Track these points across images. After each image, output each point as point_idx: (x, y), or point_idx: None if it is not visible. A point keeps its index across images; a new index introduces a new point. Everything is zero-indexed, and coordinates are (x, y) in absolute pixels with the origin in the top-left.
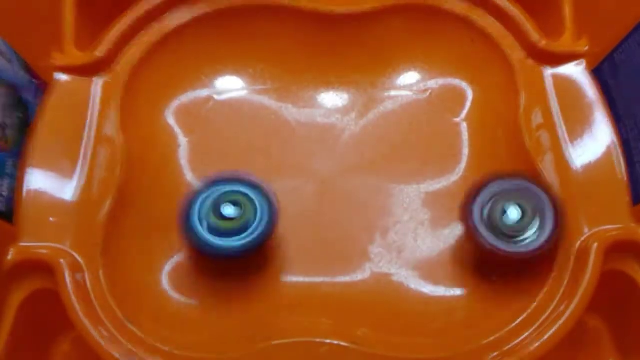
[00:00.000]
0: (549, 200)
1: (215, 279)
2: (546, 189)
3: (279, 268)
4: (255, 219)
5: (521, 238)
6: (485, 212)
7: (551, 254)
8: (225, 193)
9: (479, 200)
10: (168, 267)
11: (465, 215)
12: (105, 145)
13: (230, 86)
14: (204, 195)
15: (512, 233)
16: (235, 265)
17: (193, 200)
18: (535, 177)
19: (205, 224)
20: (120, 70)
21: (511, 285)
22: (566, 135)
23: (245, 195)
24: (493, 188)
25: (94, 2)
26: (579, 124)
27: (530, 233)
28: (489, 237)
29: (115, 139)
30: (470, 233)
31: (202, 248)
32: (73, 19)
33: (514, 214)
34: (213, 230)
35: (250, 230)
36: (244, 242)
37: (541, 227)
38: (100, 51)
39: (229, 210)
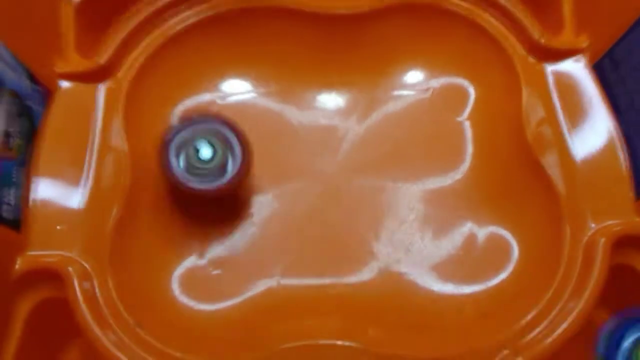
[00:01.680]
0: (236, 138)
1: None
2: (233, 127)
3: (286, 269)
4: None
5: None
6: (182, 156)
7: None
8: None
9: (173, 146)
10: (177, 273)
11: (163, 164)
12: (110, 152)
13: (233, 89)
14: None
15: (206, 170)
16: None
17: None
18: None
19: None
20: (123, 76)
21: (520, 283)
22: (568, 131)
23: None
24: (184, 133)
25: (95, 9)
26: (580, 120)
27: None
28: (184, 178)
29: (121, 146)
30: (170, 178)
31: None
32: (73, 25)
33: (206, 152)
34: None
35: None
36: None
37: (233, 161)
38: (102, 58)
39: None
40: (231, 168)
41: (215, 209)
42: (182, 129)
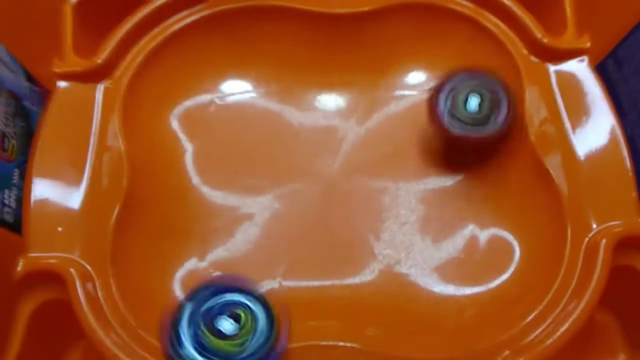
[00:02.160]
0: (503, 90)
1: None
2: (501, 81)
3: (287, 271)
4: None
5: (482, 124)
6: (449, 102)
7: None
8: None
9: (443, 92)
10: (179, 273)
11: (432, 106)
12: (110, 152)
13: (232, 89)
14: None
15: (473, 120)
16: None
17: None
18: (491, 72)
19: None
20: (122, 76)
21: (521, 284)
22: (571, 132)
23: (245, 306)
24: (453, 82)
25: (92, 9)
26: (583, 120)
27: (490, 119)
28: (453, 125)
29: (120, 146)
30: (437, 123)
31: None
32: (71, 25)
33: (474, 101)
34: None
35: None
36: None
37: (498, 113)
38: (100, 57)
39: (226, 325)
40: (495, 121)
41: (215, 208)
42: (451, 78)
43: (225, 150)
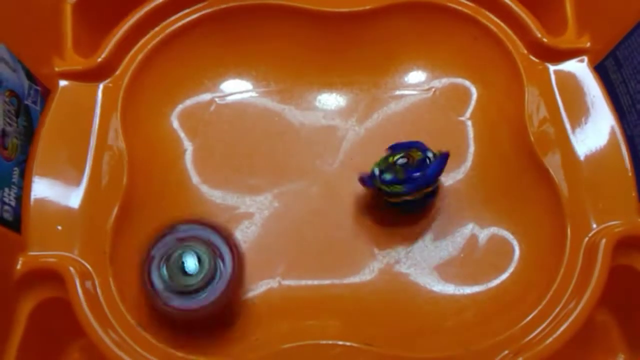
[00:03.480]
0: (224, 242)
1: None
2: (221, 230)
3: (287, 270)
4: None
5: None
6: (164, 271)
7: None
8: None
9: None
10: None
11: (144, 280)
12: (110, 151)
13: (233, 89)
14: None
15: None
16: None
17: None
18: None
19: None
20: (122, 75)
21: (521, 283)
22: (571, 132)
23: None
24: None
25: (93, 8)
26: (583, 120)
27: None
28: (169, 298)
29: (119, 145)
30: (152, 298)
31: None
32: (72, 25)
33: (191, 263)
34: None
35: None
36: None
37: (221, 272)
38: (101, 56)
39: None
40: (218, 282)
41: (214, 207)
42: (162, 237)
43: (225, 150)
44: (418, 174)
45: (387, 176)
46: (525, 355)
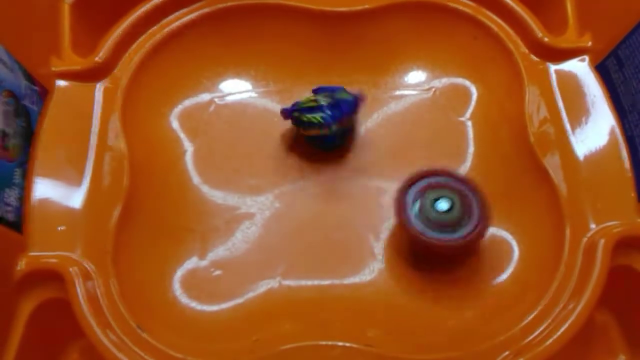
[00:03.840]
0: (475, 197)
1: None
2: (473, 187)
3: (287, 270)
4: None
5: (450, 230)
6: (417, 204)
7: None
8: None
9: (411, 193)
10: (178, 274)
11: (399, 207)
12: (110, 152)
13: (232, 89)
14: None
15: (441, 223)
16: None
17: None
18: (464, 177)
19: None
20: (121, 75)
21: (521, 283)
22: (571, 132)
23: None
24: (424, 183)
25: (91, 8)
26: (583, 120)
27: (459, 226)
28: (419, 227)
29: (119, 145)
30: (402, 223)
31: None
32: (70, 24)
33: (443, 205)
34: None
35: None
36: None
37: (468, 220)
38: (99, 56)
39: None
40: (466, 226)
41: (215, 207)
42: (420, 179)
43: (225, 150)
44: (332, 107)
45: (304, 105)
46: (526, 356)
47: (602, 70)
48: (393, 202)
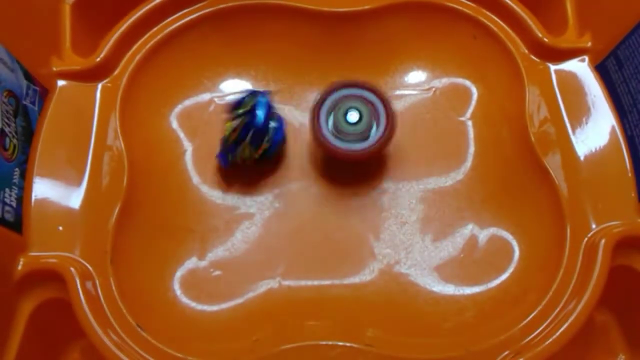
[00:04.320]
0: (382, 105)
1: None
2: (381, 95)
3: (287, 270)
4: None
5: (360, 139)
6: (331, 117)
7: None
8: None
9: (324, 107)
10: (178, 274)
11: (313, 122)
12: (110, 152)
13: (232, 89)
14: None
15: (351, 134)
16: None
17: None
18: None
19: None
20: (121, 75)
21: (521, 283)
22: (571, 132)
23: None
24: (334, 95)
25: (91, 7)
26: (584, 120)
27: (370, 133)
28: (330, 139)
29: (120, 146)
30: (317, 137)
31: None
32: (70, 24)
33: (353, 116)
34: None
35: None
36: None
37: (377, 128)
38: (99, 56)
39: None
40: (375, 134)
41: (215, 207)
42: (330, 93)
43: None
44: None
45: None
46: (526, 356)
47: (602, 70)
48: (308, 118)
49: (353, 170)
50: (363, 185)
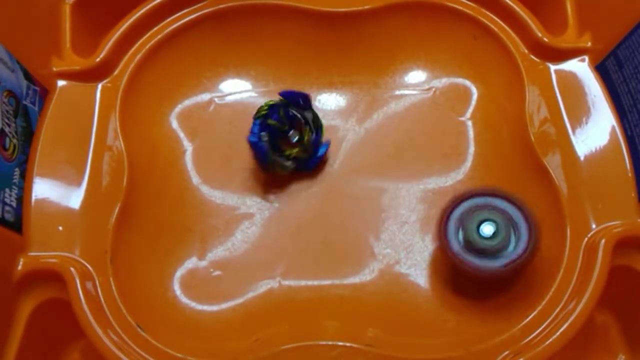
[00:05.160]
0: (522, 216)
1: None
2: (520, 204)
3: (286, 270)
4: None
5: (496, 254)
6: (461, 231)
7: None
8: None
9: (454, 217)
10: (178, 273)
11: (440, 232)
12: (110, 152)
13: (232, 89)
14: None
15: (484, 249)
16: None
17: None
18: (508, 194)
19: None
20: (121, 75)
21: (521, 283)
22: (571, 132)
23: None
24: (467, 204)
25: (92, 7)
26: (584, 120)
27: (506, 250)
28: (462, 253)
29: (120, 146)
30: (444, 249)
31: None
32: (70, 24)
33: (488, 229)
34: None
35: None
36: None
37: (516, 242)
38: (99, 56)
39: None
40: (514, 249)
41: (215, 207)
42: (462, 201)
43: (225, 150)
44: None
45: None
46: (526, 356)
47: (601, 70)
48: (435, 226)
49: (353, 171)
50: (363, 186)
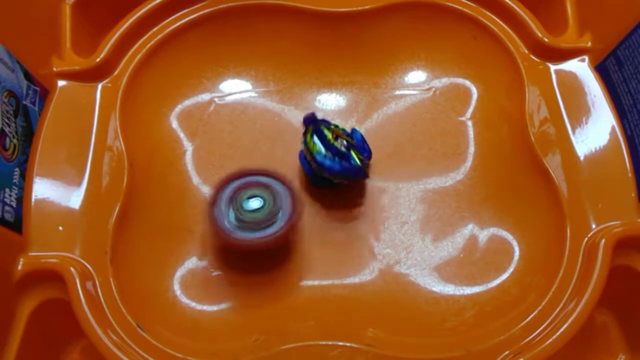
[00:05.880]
0: (286, 190)
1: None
2: (282, 180)
3: (288, 272)
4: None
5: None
6: (231, 209)
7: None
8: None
9: (223, 197)
10: (178, 273)
11: (209, 216)
12: (110, 152)
13: (232, 89)
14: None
15: (254, 222)
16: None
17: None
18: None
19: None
20: (121, 75)
21: (521, 283)
22: (571, 132)
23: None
24: (234, 184)
25: (92, 7)
26: (584, 120)
27: (272, 222)
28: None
29: (120, 146)
30: (216, 230)
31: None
32: (70, 25)
33: (255, 203)
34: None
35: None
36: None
37: (281, 216)
38: (99, 56)
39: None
40: (280, 220)
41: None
42: (229, 182)
43: (225, 150)
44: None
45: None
46: (526, 356)
47: (601, 70)
48: (207, 211)
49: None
50: (363, 186)
